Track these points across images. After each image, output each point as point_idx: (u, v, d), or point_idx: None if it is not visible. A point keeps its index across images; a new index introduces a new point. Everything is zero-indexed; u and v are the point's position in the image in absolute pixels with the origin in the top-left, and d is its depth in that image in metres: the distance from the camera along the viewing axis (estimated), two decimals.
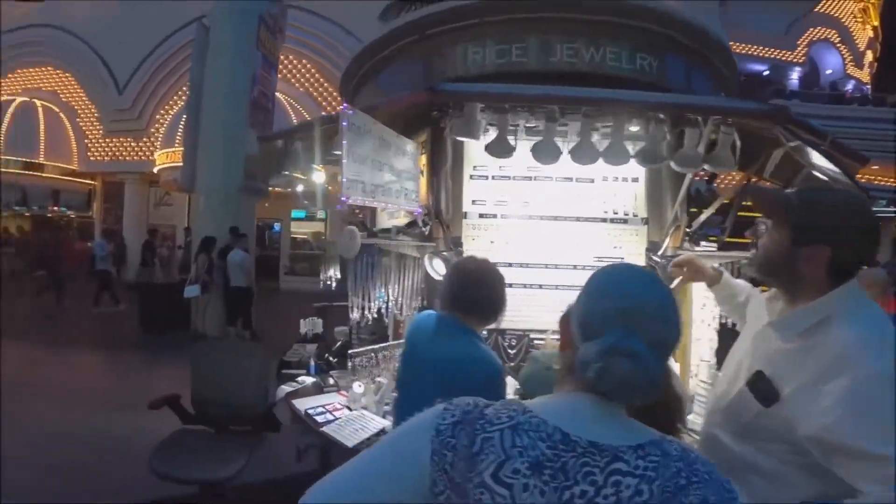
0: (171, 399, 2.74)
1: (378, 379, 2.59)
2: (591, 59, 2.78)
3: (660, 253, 2.42)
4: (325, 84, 12.59)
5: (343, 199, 1.83)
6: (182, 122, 10.78)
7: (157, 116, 13.18)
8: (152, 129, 13.17)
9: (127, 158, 13.49)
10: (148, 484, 2.42)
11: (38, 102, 13.58)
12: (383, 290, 2.49)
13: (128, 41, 13.14)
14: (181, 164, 10.23)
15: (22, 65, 14.41)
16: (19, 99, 13.54)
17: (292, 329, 3.61)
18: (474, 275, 1.52)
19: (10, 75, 14.62)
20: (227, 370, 2.89)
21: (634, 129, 2.26)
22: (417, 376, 1.54)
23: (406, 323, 2.58)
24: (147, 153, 13.11)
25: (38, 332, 7.24)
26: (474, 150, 2.50)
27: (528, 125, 2.37)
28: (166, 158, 10.95)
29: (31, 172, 13.16)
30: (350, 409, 2.35)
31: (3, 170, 12.57)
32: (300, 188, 3.24)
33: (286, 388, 2.69)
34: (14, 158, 12.78)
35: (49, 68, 14.25)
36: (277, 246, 13.86)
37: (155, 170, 11.58)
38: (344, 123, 1.82)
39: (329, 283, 3.47)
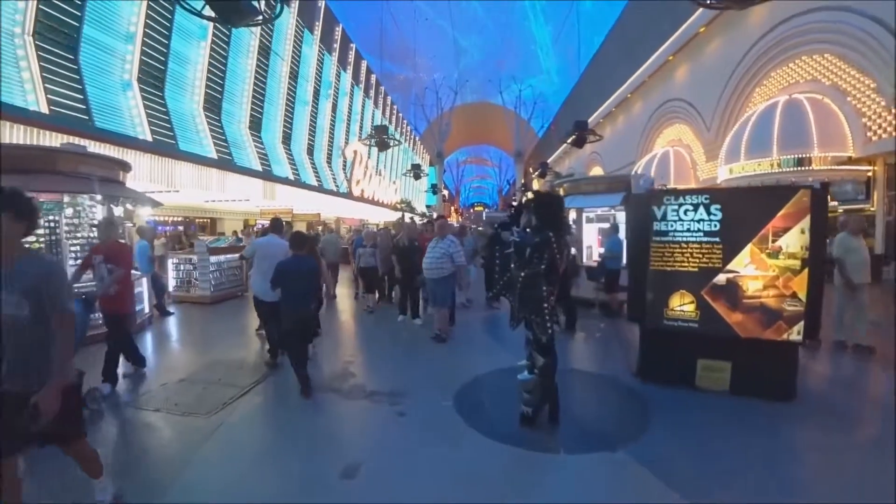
0: None
1: None
2: None
3: None
4: None
5: None
6: None
7: None
8: None
9: None
10: None
11: (801, 97, 13.58)
12: None
13: None
14: None
15: (772, 69, 15.19)
16: (782, 99, 14.04)
17: None
18: None
19: (763, 82, 15.78)
20: None
21: None
22: None
23: None
24: None
25: None
26: None
27: None
28: None
29: (800, 168, 13.22)
30: None
31: (779, 170, 13.48)
32: None
33: None
34: (787, 157, 13.31)
35: (803, 58, 14.06)
36: None
37: None
38: None
39: None
